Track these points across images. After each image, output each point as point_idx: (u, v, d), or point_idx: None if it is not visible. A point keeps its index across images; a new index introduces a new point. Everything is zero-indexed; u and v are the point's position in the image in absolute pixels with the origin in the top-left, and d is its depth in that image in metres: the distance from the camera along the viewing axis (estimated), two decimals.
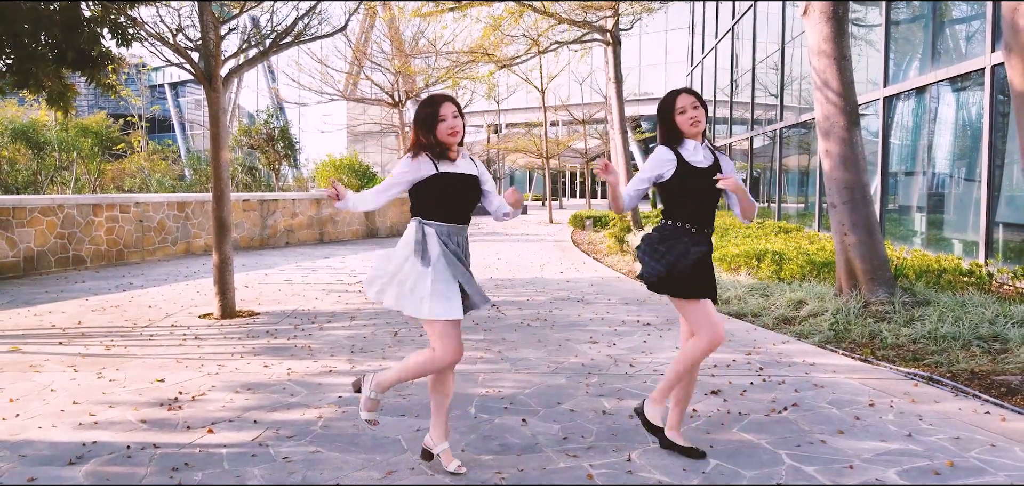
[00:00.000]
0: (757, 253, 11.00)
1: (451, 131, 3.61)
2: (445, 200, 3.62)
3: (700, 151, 3.87)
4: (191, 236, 15.35)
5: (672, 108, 3.86)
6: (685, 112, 3.83)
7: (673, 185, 3.81)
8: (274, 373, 5.78)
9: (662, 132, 3.92)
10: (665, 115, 3.89)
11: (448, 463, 3.77)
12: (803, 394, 5.16)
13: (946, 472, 3.76)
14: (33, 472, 3.79)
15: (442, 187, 3.61)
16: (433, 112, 3.62)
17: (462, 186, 3.66)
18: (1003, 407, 4.82)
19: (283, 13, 42.36)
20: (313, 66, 25.45)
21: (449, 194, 3.62)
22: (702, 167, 3.82)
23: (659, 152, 3.87)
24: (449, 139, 3.62)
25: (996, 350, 6.14)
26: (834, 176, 8.10)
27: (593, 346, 6.67)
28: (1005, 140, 9.95)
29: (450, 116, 3.62)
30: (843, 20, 8.09)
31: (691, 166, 3.81)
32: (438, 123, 3.61)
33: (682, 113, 3.84)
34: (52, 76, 8.06)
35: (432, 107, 3.63)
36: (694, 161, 3.83)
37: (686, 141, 3.87)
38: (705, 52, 32.90)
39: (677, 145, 3.87)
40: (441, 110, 3.61)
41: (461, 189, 3.65)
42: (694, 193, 3.81)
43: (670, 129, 3.88)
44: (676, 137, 3.88)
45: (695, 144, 3.87)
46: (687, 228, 3.81)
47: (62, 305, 8.99)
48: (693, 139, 3.87)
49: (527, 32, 20.90)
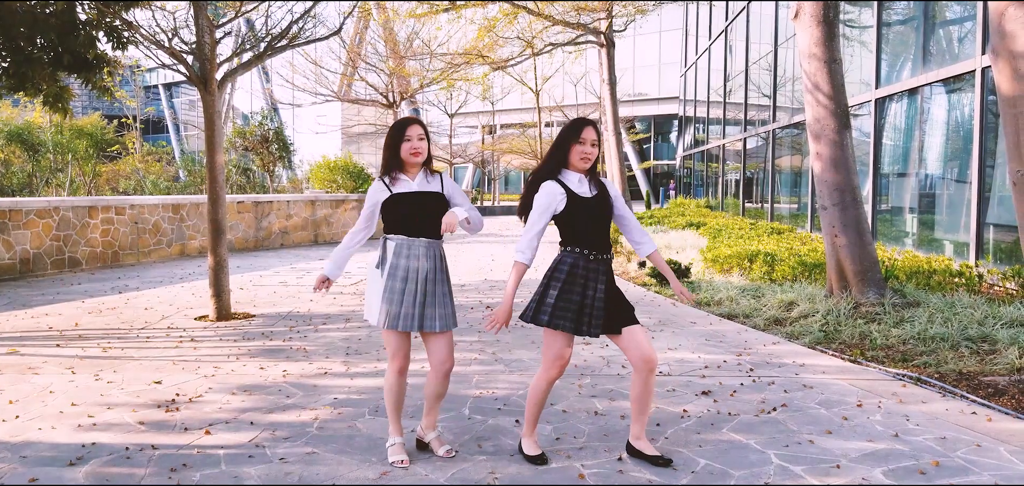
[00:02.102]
0: (749, 254, 11.08)
1: (413, 151, 3.91)
2: (401, 216, 3.92)
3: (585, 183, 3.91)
4: (186, 238, 15.38)
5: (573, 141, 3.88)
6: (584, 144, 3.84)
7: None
8: (270, 375, 5.83)
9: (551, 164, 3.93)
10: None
11: (438, 448, 4.09)
12: (792, 395, 5.23)
13: (932, 472, 3.83)
14: (34, 473, 3.84)
15: (396, 205, 3.93)
16: (399, 133, 3.94)
17: (416, 203, 3.92)
18: (990, 408, 4.90)
19: (278, 16, 42.40)
20: (307, 67, 25.52)
21: (404, 211, 3.91)
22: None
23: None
24: (410, 158, 3.92)
25: (985, 351, 6.22)
26: (825, 178, 8.18)
27: (586, 348, 6.73)
28: (996, 141, 10.04)
29: (415, 138, 3.92)
30: (834, 23, 8.17)
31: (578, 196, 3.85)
32: (403, 143, 3.92)
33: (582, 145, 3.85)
34: (48, 79, 8.08)
35: (399, 129, 3.95)
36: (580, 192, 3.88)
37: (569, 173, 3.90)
38: (699, 53, 33.02)
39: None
40: (407, 131, 3.93)
41: (415, 206, 3.91)
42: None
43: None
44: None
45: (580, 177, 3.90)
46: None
47: (59, 307, 9.02)
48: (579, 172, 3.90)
49: (521, 34, 20.96)
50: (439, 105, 36.21)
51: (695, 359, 6.25)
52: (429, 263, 3.91)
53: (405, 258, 3.88)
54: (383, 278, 3.90)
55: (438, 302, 3.92)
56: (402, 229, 3.90)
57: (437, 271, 3.94)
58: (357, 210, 20.27)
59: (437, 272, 3.94)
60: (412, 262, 3.88)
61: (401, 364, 3.97)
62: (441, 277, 3.96)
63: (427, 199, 3.93)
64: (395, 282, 3.86)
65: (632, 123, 53.20)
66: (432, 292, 3.90)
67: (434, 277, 3.92)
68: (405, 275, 3.86)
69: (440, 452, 4.06)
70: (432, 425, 4.14)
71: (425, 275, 3.89)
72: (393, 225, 3.93)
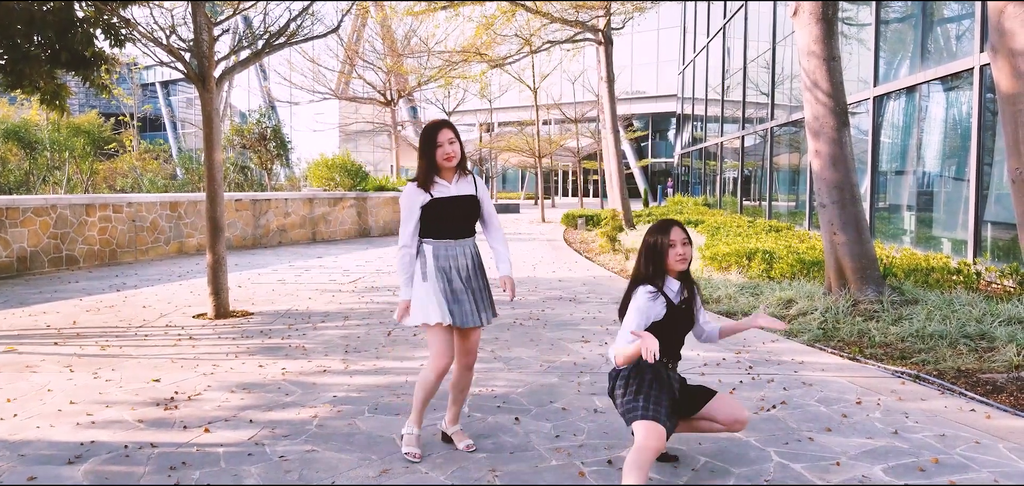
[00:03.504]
0: (747, 252, 11.08)
1: (446, 157, 3.95)
2: (437, 221, 3.99)
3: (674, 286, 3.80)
4: (184, 236, 15.36)
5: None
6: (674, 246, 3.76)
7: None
8: (269, 373, 5.82)
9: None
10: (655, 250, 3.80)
11: (460, 442, 4.17)
12: (792, 392, 5.23)
13: (931, 469, 3.83)
14: (33, 471, 3.83)
15: (434, 210, 3.97)
16: (432, 139, 3.96)
17: (455, 206, 4.00)
18: (988, 405, 4.91)
19: (276, 13, 42.33)
20: (305, 65, 25.49)
21: (442, 216, 3.98)
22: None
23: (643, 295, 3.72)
24: (445, 163, 3.97)
25: (983, 348, 6.23)
26: (823, 176, 8.18)
27: (585, 345, 6.73)
28: (994, 139, 10.05)
29: (446, 143, 3.95)
30: (833, 21, 8.17)
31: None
32: (436, 149, 3.95)
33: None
34: (46, 76, 8.08)
35: (430, 135, 3.98)
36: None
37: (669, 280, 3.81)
38: (697, 51, 33.02)
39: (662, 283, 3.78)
40: (438, 137, 3.95)
41: (454, 209, 4.00)
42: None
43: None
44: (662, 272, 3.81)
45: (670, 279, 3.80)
46: None
47: (56, 305, 9.00)
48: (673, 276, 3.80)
49: (519, 31, 20.95)
50: (437, 103, 36.19)
51: (694, 356, 6.25)
52: (469, 261, 4.05)
53: (447, 259, 3.99)
54: (426, 280, 3.95)
55: (482, 298, 4.08)
56: (443, 233, 3.99)
57: (476, 268, 4.08)
58: (355, 208, 20.26)
59: (477, 269, 4.08)
60: (455, 262, 4.00)
61: (445, 365, 3.99)
62: (480, 273, 4.11)
63: (464, 202, 4.03)
64: (444, 283, 3.96)
65: (630, 121, 53.21)
66: (477, 288, 4.05)
67: (476, 274, 4.07)
68: (451, 274, 3.98)
69: (461, 445, 4.14)
70: (455, 418, 4.25)
71: (468, 273, 4.03)
72: (433, 229, 3.99)
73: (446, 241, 3.99)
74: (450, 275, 3.97)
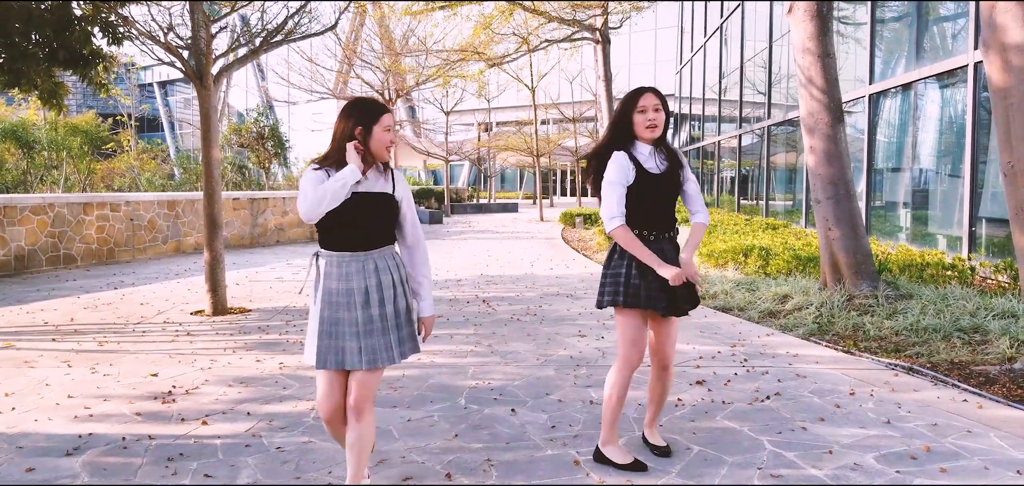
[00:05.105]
0: (744, 249, 11.12)
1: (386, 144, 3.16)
2: (340, 224, 3.09)
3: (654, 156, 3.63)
4: (181, 235, 15.37)
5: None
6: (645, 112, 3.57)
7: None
8: (266, 367, 5.85)
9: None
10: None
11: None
12: (786, 384, 5.27)
13: (923, 456, 3.87)
14: (31, 463, 3.85)
15: (340, 210, 3.05)
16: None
17: (365, 206, 3.10)
18: (981, 396, 4.94)
19: (273, 11, 42.35)
20: (303, 65, 25.47)
21: (350, 217, 3.08)
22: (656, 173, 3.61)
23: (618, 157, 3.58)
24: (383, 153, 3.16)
25: (976, 341, 6.27)
26: (819, 172, 8.22)
27: (581, 340, 6.76)
28: (988, 136, 10.09)
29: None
30: (827, 18, 8.21)
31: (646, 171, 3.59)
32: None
33: (642, 113, 3.58)
34: (43, 75, 8.10)
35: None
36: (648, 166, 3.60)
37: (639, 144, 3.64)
38: (694, 50, 33.06)
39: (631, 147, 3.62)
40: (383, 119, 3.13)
41: (362, 210, 3.10)
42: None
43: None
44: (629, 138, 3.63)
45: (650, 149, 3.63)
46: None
47: (54, 303, 9.02)
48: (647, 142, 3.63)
49: (517, 31, 20.99)
50: (435, 102, 36.18)
51: (690, 350, 6.28)
52: (373, 280, 3.20)
53: (339, 278, 3.18)
54: (316, 306, 3.21)
55: (391, 328, 3.22)
56: (335, 240, 3.16)
57: (375, 288, 3.19)
58: None
59: (375, 289, 3.19)
60: (346, 282, 3.18)
61: (322, 408, 3.26)
62: (376, 292, 3.19)
63: (379, 202, 3.19)
64: (325, 309, 3.17)
65: None
66: (379, 317, 3.22)
67: (372, 295, 3.17)
68: (334, 302, 3.16)
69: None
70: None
71: (364, 294, 3.17)
72: (325, 234, 3.18)
73: (342, 254, 3.10)
74: (358, 295, 3.10)
